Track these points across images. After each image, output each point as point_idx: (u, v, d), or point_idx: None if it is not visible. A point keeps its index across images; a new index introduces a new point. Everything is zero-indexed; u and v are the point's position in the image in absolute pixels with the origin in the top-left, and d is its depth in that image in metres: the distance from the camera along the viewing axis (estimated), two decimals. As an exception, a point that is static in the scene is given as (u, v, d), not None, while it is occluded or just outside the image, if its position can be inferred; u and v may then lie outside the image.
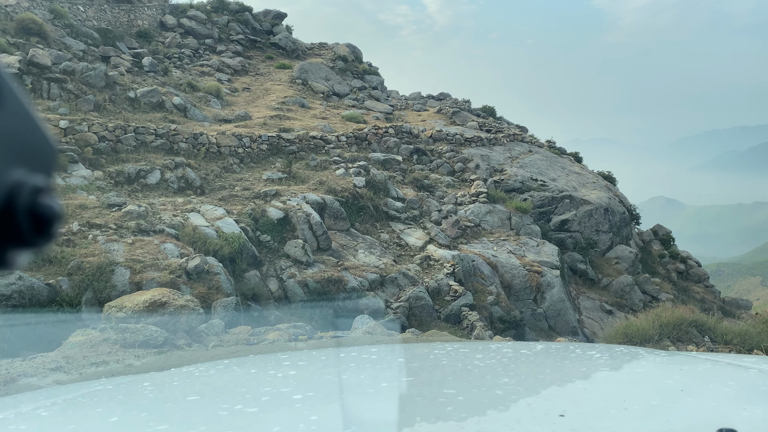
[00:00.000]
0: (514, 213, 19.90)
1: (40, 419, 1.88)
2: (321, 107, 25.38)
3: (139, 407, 1.94)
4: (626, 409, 1.60)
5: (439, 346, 2.80)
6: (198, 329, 7.31)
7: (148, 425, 1.67)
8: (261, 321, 11.32)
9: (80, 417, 1.93)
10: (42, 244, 0.57)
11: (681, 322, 5.91)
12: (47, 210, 0.57)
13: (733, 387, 1.96)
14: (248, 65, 30.21)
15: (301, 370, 2.41)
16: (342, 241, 14.76)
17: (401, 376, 2.05)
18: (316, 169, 17.58)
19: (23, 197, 0.55)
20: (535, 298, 16.41)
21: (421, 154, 22.12)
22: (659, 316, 6.04)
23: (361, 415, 1.62)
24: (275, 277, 12.78)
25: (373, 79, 32.98)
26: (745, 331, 5.82)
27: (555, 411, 1.54)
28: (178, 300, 7.13)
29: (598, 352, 2.57)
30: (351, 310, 12.41)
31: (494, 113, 32.77)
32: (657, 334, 5.86)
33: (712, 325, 5.95)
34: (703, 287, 24.60)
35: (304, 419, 1.60)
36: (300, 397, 1.84)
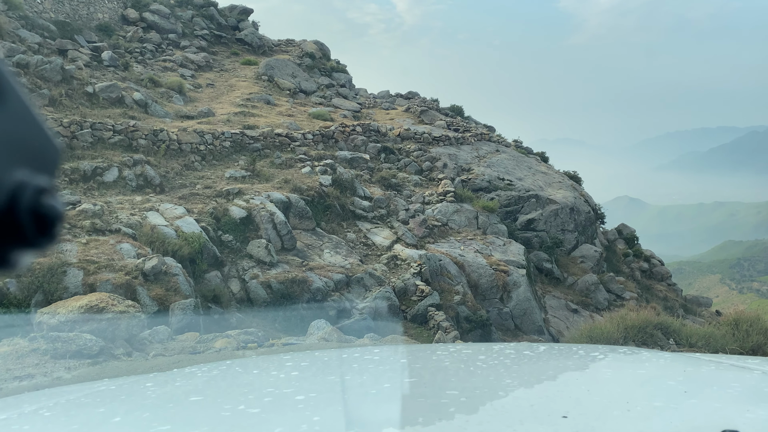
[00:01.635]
0: (481, 212, 19.87)
1: (43, 419, 1.89)
2: (287, 104, 25.00)
3: (142, 407, 1.97)
4: (629, 410, 1.60)
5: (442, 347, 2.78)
6: (140, 336, 6.89)
7: (150, 425, 1.68)
8: (222, 323, 10.99)
9: (83, 417, 1.92)
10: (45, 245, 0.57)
11: (646, 324, 5.85)
12: (50, 210, 0.57)
13: (737, 388, 1.96)
14: (213, 61, 29.61)
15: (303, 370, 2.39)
16: (307, 240, 14.47)
17: (404, 377, 2.05)
18: (281, 167, 17.24)
19: (26, 198, 0.55)
20: (502, 297, 16.38)
21: (389, 152, 21.94)
22: (624, 319, 5.97)
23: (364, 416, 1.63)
24: (237, 278, 12.44)
25: (341, 77, 32.69)
26: (710, 333, 5.79)
27: (558, 412, 1.55)
28: (117, 305, 6.74)
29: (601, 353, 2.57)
30: (316, 311, 12.16)
31: (462, 113, 32.82)
32: (622, 337, 5.79)
33: (677, 327, 5.91)
34: (666, 285, 24.99)
35: (307, 420, 1.59)
36: (302, 398, 1.85)
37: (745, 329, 5.71)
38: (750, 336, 5.63)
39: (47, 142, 0.61)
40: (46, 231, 0.57)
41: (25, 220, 0.55)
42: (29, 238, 0.56)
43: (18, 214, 0.55)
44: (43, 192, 0.57)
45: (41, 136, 0.61)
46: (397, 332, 12.86)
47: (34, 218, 0.56)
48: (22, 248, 0.56)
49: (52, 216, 0.57)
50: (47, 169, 0.60)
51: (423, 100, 32.55)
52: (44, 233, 0.57)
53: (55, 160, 0.62)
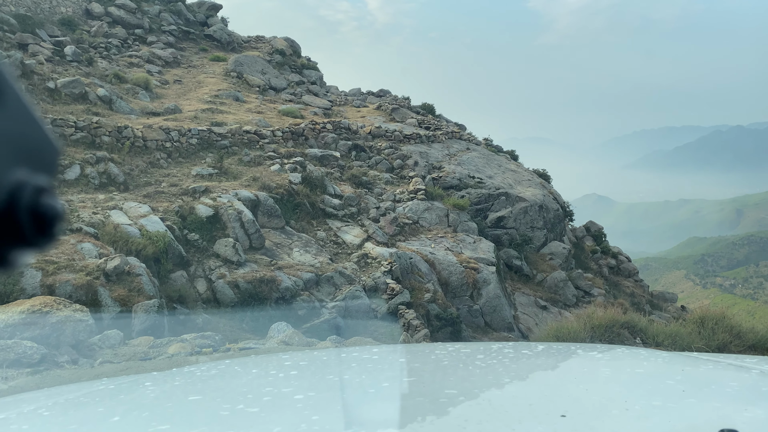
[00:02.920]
0: (451, 210, 19.89)
1: (42, 419, 1.89)
2: (257, 101, 24.68)
3: (141, 407, 1.97)
4: (628, 409, 1.60)
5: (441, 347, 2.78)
6: (89, 342, 6.58)
7: (149, 425, 1.67)
8: (188, 324, 10.76)
9: (82, 417, 1.92)
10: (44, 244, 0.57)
11: (613, 323, 5.86)
12: (49, 210, 0.57)
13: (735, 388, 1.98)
14: (180, 57, 29.08)
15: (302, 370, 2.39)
16: (276, 239, 14.28)
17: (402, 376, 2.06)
18: (249, 164, 16.98)
19: (25, 197, 0.55)
20: (472, 294, 16.42)
21: (360, 150, 21.83)
22: (591, 318, 5.97)
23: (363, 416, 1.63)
24: (204, 278, 12.21)
25: (312, 74, 32.44)
26: (677, 331, 5.83)
27: (556, 411, 1.55)
28: (62, 309, 6.46)
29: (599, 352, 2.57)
30: (285, 310, 12.00)
31: (433, 111, 32.85)
32: (589, 337, 5.78)
33: (643, 326, 5.93)
34: (633, 282, 25.39)
35: (306, 419, 1.59)
36: (301, 397, 1.84)
37: (711, 327, 5.77)
38: (716, 334, 5.69)
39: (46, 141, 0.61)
40: (46, 230, 0.57)
41: (25, 220, 0.55)
42: (28, 238, 0.56)
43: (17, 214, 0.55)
44: (42, 191, 0.57)
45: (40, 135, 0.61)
46: (368, 330, 12.78)
47: (34, 217, 0.56)
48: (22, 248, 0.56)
49: (51, 215, 0.57)
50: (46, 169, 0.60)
51: (394, 98, 32.49)
52: (43, 232, 0.57)
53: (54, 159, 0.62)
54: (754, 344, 5.59)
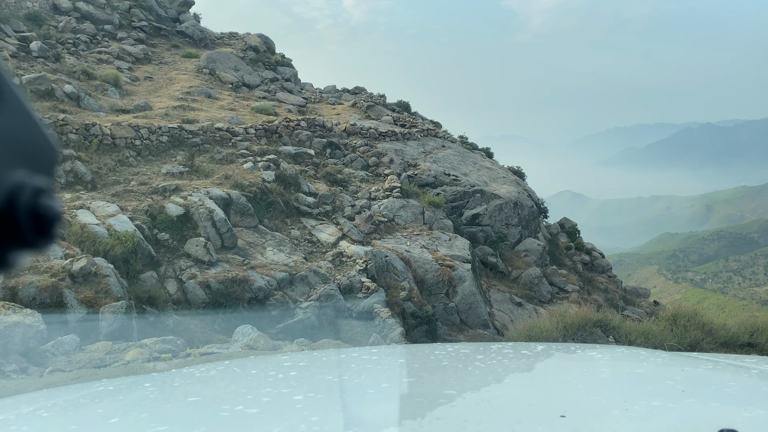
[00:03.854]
0: (427, 208, 19.84)
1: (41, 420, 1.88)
2: (229, 98, 24.34)
3: (140, 408, 1.97)
4: (627, 409, 1.60)
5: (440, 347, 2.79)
6: (41, 349, 6.28)
7: (149, 426, 1.67)
8: (158, 326, 10.53)
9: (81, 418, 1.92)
10: (43, 245, 0.58)
11: (585, 322, 5.82)
12: (48, 211, 0.58)
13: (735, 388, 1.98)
14: (152, 53, 28.57)
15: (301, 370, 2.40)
16: (249, 238, 14.06)
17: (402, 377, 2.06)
18: (221, 162, 16.71)
19: (24, 198, 0.56)
20: (447, 292, 16.39)
21: (335, 148, 21.66)
22: (563, 317, 5.93)
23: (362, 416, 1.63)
24: (174, 279, 11.95)
25: (286, 71, 32.13)
26: (649, 329, 5.82)
27: (556, 412, 1.55)
28: (10, 315, 6.21)
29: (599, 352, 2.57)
30: (257, 311, 11.81)
31: (409, 108, 32.79)
32: (561, 336, 5.74)
33: (616, 324, 5.91)
34: (607, 277, 25.65)
35: (305, 420, 1.59)
36: (301, 398, 1.85)
37: (683, 324, 5.77)
38: (688, 331, 5.69)
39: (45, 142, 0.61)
40: (44, 231, 0.57)
41: (24, 221, 0.55)
42: (27, 239, 0.56)
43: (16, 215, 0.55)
44: (41, 192, 0.57)
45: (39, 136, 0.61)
46: (343, 329, 12.65)
47: (33, 219, 0.56)
48: (21, 249, 0.56)
49: (50, 216, 0.57)
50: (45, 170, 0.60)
51: (370, 96, 32.35)
52: (42, 233, 0.57)
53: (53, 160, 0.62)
54: (726, 341, 5.61)
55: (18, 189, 0.55)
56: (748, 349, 5.58)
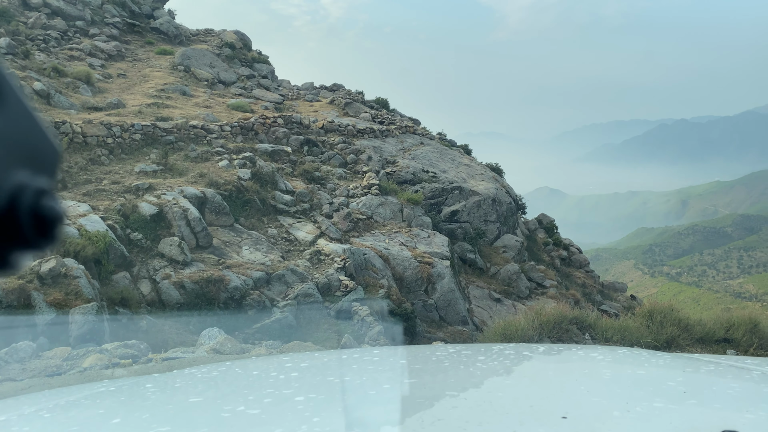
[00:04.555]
0: (405, 205, 19.77)
1: (43, 421, 1.88)
2: (205, 95, 24.02)
3: (142, 409, 1.97)
4: (629, 411, 1.60)
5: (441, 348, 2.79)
6: None
7: (150, 426, 1.67)
8: (131, 328, 10.31)
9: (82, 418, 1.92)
10: (45, 246, 0.58)
11: (561, 319, 5.77)
12: (50, 212, 0.58)
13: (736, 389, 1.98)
14: (125, 50, 28.08)
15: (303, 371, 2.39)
16: (224, 237, 13.85)
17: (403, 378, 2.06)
18: (196, 160, 16.44)
19: (26, 199, 0.56)
20: (426, 289, 16.34)
21: (312, 145, 21.47)
22: (539, 314, 5.88)
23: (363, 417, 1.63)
24: (148, 279, 11.72)
25: (263, 68, 31.82)
26: (625, 326, 5.79)
27: (557, 413, 1.55)
28: None
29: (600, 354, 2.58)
30: (233, 311, 11.64)
31: (387, 105, 32.68)
32: (537, 334, 5.69)
33: (592, 321, 5.87)
34: (584, 272, 25.84)
35: (306, 421, 1.59)
36: (302, 399, 1.85)
37: (659, 321, 5.75)
38: (664, 328, 5.67)
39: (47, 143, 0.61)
40: (46, 232, 0.57)
41: (26, 222, 0.55)
42: (29, 240, 0.56)
43: (18, 216, 0.55)
44: (43, 193, 0.57)
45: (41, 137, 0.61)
46: (321, 328, 12.52)
47: (35, 220, 0.56)
48: (23, 250, 0.56)
49: (52, 217, 0.57)
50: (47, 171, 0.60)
51: (348, 93, 32.16)
52: (44, 235, 0.57)
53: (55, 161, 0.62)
54: (702, 337, 5.61)
55: (20, 190, 0.55)
56: (724, 344, 5.58)
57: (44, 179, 0.59)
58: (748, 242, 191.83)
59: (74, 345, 8.34)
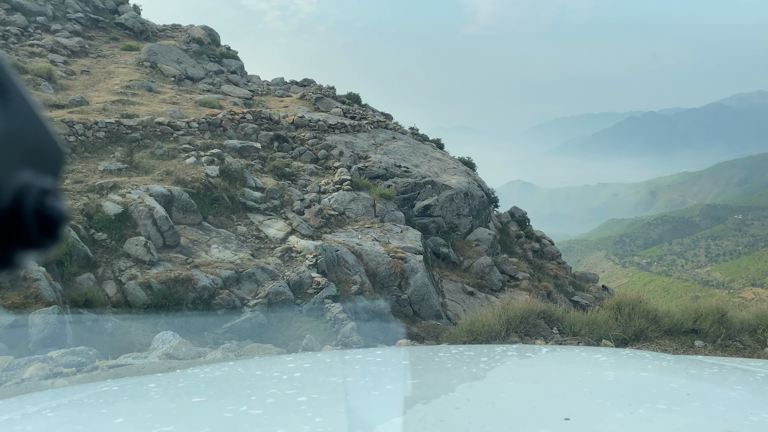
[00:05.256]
0: (378, 200, 19.66)
1: (46, 420, 1.88)
2: (172, 92, 23.54)
3: (144, 408, 1.97)
4: (632, 412, 1.59)
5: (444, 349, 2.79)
6: None
7: (153, 426, 1.68)
8: (95, 331, 10.03)
9: (85, 418, 1.92)
10: (49, 246, 0.58)
11: (528, 314, 5.72)
12: (54, 212, 0.58)
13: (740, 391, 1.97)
14: (89, 46, 27.39)
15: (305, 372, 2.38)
16: (193, 236, 13.58)
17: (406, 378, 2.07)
18: (162, 158, 16.08)
19: (31, 199, 0.56)
20: (400, 284, 16.27)
21: (283, 141, 21.21)
22: (506, 310, 5.82)
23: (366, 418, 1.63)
24: (114, 280, 11.41)
25: (232, 63, 31.36)
26: (593, 320, 5.76)
27: (560, 414, 1.55)
28: None
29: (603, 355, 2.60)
30: (202, 311, 11.41)
31: (359, 100, 32.50)
32: (504, 330, 5.62)
33: (559, 315, 5.83)
34: (556, 264, 26.06)
35: (309, 421, 1.59)
36: (305, 399, 1.85)
37: (627, 313, 5.73)
38: (632, 320, 5.65)
39: (51, 143, 0.61)
40: (50, 232, 0.57)
41: (30, 222, 0.55)
42: (33, 239, 0.56)
43: (22, 216, 0.55)
44: (47, 193, 0.57)
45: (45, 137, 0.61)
46: (293, 326, 12.36)
47: (38, 219, 0.56)
48: (26, 249, 0.56)
49: (56, 217, 0.58)
50: (51, 171, 0.60)
51: (319, 88, 31.89)
52: (48, 234, 0.57)
53: (59, 161, 0.62)
54: (671, 329, 5.60)
55: (24, 190, 0.55)
56: (693, 335, 5.59)
57: (48, 179, 0.58)
58: (715, 231, 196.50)
59: (34, 350, 8.07)
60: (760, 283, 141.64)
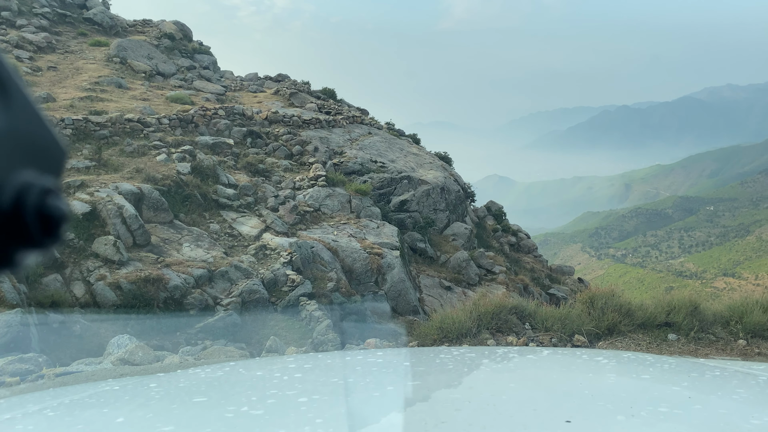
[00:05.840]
0: (354, 196, 19.52)
1: (48, 419, 1.89)
2: (142, 88, 23.09)
3: (146, 408, 1.97)
4: (634, 415, 1.58)
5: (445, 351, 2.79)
6: None
7: (154, 426, 1.68)
8: (62, 333, 9.75)
9: (87, 417, 1.92)
10: (50, 245, 0.58)
11: (500, 310, 5.65)
12: (55, 211, 0.58)
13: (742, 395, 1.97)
14: (56, 42, 26.75)
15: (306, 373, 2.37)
16: (164, 234, 13.30)
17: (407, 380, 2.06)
18: (132, 155, 15.73)
19: (32, 198, 0.56)
20: (377, 280, 16.16)
21: (256, 137, 20.93)
22: (477, 306, 5.74)
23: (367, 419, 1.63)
24: (82, 281, 11.11)
25: (204, 59, 30.90)
26: (566, 315, 5.71)
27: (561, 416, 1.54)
28: None
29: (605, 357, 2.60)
30: (174, 311, 11.17)
31: (335, 95, 32.28)
32: (475, 326, 5.54)
33: (532, 310, 5.77)
34: (533, 257, 26.20)
35: (310, 422, 1.59)
36: (305, 400, 1.85)
37: (600, 307, 5.69)
38: (605, 314, 5.61)
39: (53, 142, 0.61)
40: (51, 232, 0.57)
41: (31, 221, 0.55)
42: (34, 239, 0.56)
43: (24, 215, 0.55)
44: (48, 193, 0.57)
45: (47, 136, 0.61)
46: (268, 325, 12.17)
47: (40, 219, 0.56)
48: (27, 248, 0.56)
49: (58, 217, 0.58)
50: (53, 170, 0.60)
51: (293, 83, 31.60)
52: (49, 234, 0.57)
53: (61, 160, 0.62)
54: (644, 322, 5.58)
55: (25, 189, 0.55)
56: (666, 329, 5.57)
57: (50, 178, 0.58)
58: (688, 223, 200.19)
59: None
60: (732, 272, 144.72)
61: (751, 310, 5.58)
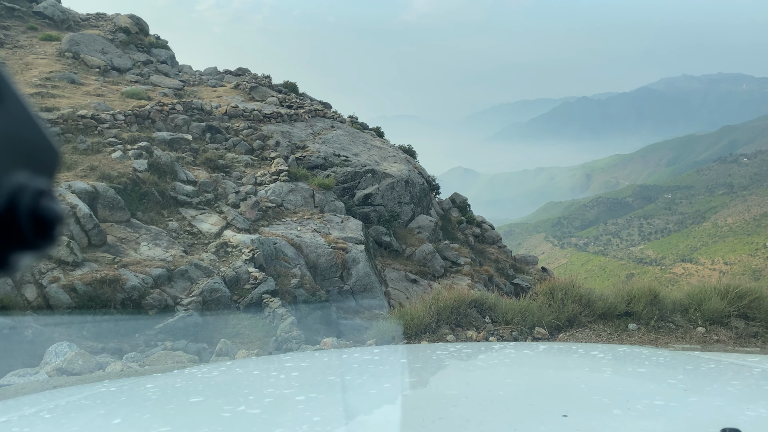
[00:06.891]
0: (317, 190, 19.32)
1: (43, 421, 1.87)
2: (97, 83, 22.40)
3: (142, 409, 1.96)
4: (630, 408, 1.59)
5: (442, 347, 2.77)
6: None
7: (151, 427, 1.68)
8: (13, 339, 9.38)
9: (83, 419, 1.91)
10: (44, 248, 0.58)
11: (459, 304, 5.60)
12: (49, 213, 0.58)
13: (737, 386, 1.98)
14: (4, 37, 25.76)
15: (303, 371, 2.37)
16: (120, 234, 12.91)
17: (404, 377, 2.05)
18: (86, 153, 15.21)
19: (26, 200, 0.56)
20: (342, 275, 16.03)
21: (215, 132, 20.52)
22: (436, 300, 5.68)
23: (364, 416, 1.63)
24: (34, 283, 10.70)
25: (162, 53, 30.17)
26: (526, 307, 5.70)
27: (558, 411, 1.54)
28: None
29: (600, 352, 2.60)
30: (132, 312, 10.86)
31: (296, 89, 31.91)
32: (434, 322, 5.48)
33: (492, 303, 5.75)
34: (497, 248, 26.42)
35: (307, 420, 1.59)
36: (302, 399, 1.85)
37: (560, 298, 5.69)
38: (566, 306, 5.62)
39: (46, 144, 0.61)
40: (46, 234, 0.57)
41: (25, 223, 0.55)
42: (29, 241, 0.56)
43: (17, 217, 0.55)
44: (42, 194, 0.57)
45: (40, 137, 0.61)
46: (230, 324, 11.94)
47: (34, 221, 0.56)
48: (22, 251, 0.56)
49: (52, 218, 0.57)
50: (46, 172, 0.60)
51: (254, 77, 31.11)
52: (43, 236, 0.57)
53: (54, 162, 0.62)
54: (604, 313, 5.61)
55: (19, 191, 0.55)
56: (626, 318, 5.61)
57: (43, 180, 0.58)
58: (647, 211, 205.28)
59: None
60: (689, 258, 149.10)
61: (709, 297, 5.67)
